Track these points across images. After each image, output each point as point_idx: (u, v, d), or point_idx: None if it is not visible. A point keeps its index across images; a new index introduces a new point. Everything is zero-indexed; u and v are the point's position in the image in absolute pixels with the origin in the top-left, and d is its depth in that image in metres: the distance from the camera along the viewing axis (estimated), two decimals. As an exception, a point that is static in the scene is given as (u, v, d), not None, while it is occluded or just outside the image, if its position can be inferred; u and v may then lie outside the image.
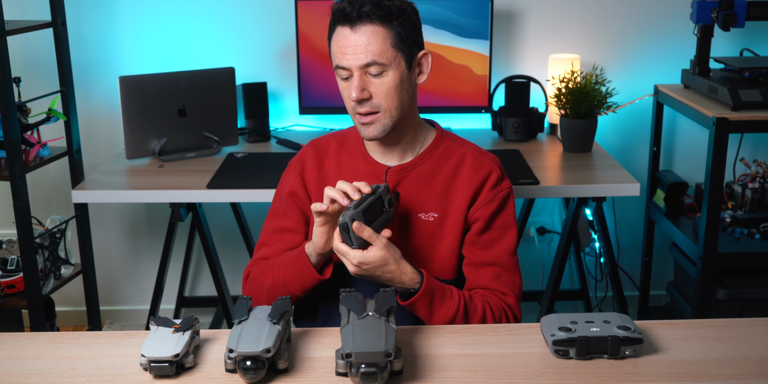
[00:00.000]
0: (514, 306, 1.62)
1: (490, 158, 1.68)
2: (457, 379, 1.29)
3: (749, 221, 2.63)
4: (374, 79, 1.55)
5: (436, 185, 1.65)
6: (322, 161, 1.70)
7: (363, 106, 1.56)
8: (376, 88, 1.55)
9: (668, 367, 1.32)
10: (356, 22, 1.52)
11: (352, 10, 1.51)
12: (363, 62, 1.52)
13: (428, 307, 1.54)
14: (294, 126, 2.94)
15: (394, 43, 1.53)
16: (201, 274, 3.16)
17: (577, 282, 3.14)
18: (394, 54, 1.54)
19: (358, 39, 1.52)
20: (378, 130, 1.58)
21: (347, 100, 1.58)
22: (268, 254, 1.70)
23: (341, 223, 1.46)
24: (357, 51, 1.52)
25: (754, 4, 2.52)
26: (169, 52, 2.88)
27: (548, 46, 2.90)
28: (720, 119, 2.34)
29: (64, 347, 1.40)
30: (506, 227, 1.65)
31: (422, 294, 1.52)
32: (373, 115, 1.57)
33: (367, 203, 1.48)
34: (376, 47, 1.52)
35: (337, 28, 1.55)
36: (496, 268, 1.63)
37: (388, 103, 1.56)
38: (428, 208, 1.64)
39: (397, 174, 1.65)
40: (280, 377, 1.29)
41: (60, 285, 2.50)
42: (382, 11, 1.52)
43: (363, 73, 1.54)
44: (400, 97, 1.57)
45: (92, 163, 2.87)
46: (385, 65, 1.53)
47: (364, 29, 1.52)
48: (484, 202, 1.64)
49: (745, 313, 2.56)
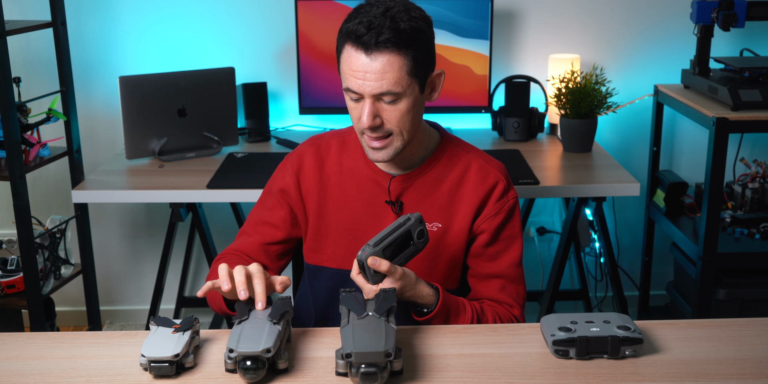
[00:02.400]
0: (519, 317, 1.62)
1: (496, 167, 1.64)
2: (457, 379, 1.29)
3: (749, 221, 2.63)
4: (387, 106, 1.49)
5: (441, 195, 1.62)
6: (323, 163, 1.66)
7: (375, 132, 1.51)
8: (389, 114, 1.49)
9: (668, 367, 1.32)
10: (372, 50, 1.44)
11: (370, 38, 1.43)
12: (377, 91, 1.46)
13: (443, 323, 1.53)
14: (294, 126, 2.94)
15: (409, 70, 1.46)
16: (201, 274, 3.16)
17: (577, 282, 3.14)
18: (409, 81, 1.47)
19: (374, 66, 1.44)
20: (389, 155, 1.54)
21: (355, 120, 1.53)
22: (243, 246, 1.66)
23: (358, 259, 1.42)
24: (371, 78, 1.45)
25: (754, 4, 2.52)
26: (169, 52, 2.88)
27: (548, 46, 2.90)
28: (720, 119, 2.34)
29: (64, 347, 1.40)
30: (512, 238, 1.63)
31: (438, 312, 1.50)
32: (384, 140, 1.52)
33: (389, 241, 1.42)
34: (392, 76, 1.45)
35: (349, 48, 1.46)
36: (502, 280, 1.62)
37: (400, 127, 1.51)
38: (432, 218, 1.61)
39: (401, 183, 1.61)
40: (280, 377, 1.29)
41: (60, 285, 2.51)
42: (399, 38, 1.43)
43: (375, 100, 1.48)
44: (412, 120, 1.52)
45: (92, 163, 2.87)
46: (399, 94, 1.47)
47: (381, 57, 1.44)
48: (491, 215, 1.61)
49: (745, 313, 2.56)
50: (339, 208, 1.64)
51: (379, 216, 1.62)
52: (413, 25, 1.45)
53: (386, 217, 1.62)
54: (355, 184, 1.63)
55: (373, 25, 1.43)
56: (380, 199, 1.62)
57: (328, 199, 1.64)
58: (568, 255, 2.76)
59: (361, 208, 1.63)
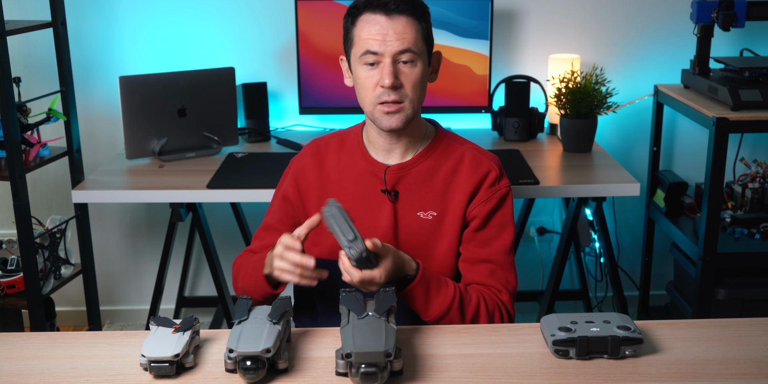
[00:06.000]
0: (507, 303, 1.62)
1: (490, 157, 1.69)
2: (457, 379, 1.29)
3: (749, 221, 2.63)
4: (405, 68, 1.57)
5: (435, 184, 1.66)
6: (322, 160, 1.71)
7: (392, 95, 1.57)
8: (406, 77, 1.57)
9: (668, 367, 1.32)
10: (393, 12, 1.55)
11: (389, 2, 1.54)
12: (398, 49, 1.55)
13: (425, 296, 1.53)
14: (294, 126, 2.94)
15: (423, 37, 1.58)
16: (201, 274, 3.16)
17: (577, 282, 3.14)
18: (422, 47, 1.58)
19: (395, 26, 1.55)
20: (401, 120, 1.59)
21: (370, 89, 1.58)
22: (257, 249, 1.73)
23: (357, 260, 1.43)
24: (392, 38, 1.54)
25: (754, 4, 2.52)
26: (169, 52, 2.88)
27: (548, 46, 2.90)
28: (720, 119, 2.34)
29: (64, 347, 1.40)
30: (503, 226, 1.66)
31: (420, 280, 1.52)
32: (398, 104, 1.58)
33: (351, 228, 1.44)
34: (412, 36, 1.55)
35: (368, 14, 1.56)
36: (491, 265, 1.63)
37: (414, 94, 1.59)
38: (427, 207, 1.65)
39: (396, 173, 1.66)
40: (280, 377, 1.29)
41: (60, 285, 2.51)
42: (416, 8, 1.57)
43: (394, 61, 1.56)
44: (422, 90, 1.61)
45: (92, 163, 2.87)
46: (417, 55, 1.57)
47: (401, 19, 1.55)
48: (482, 200, 1.64)
49: (745, 313, 2.56)
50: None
51: (376, 206, 1.66)
52: (421, 3, 1.60)
53: (382, 207, 1.66)
54: (352, 177, 1.68)
55: None
56: (376, 189, 1.66)
57: (327, 194, 1.68)
58: (568, 255, 2.76)
59: (358, 199, 1.67)
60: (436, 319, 1.56)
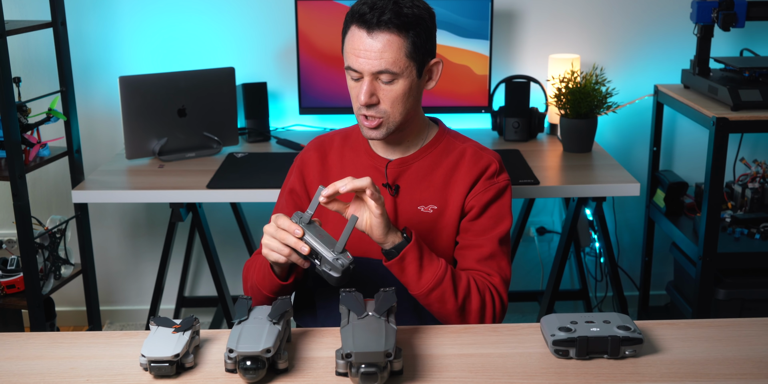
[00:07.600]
0: (499, 286, 1.60)
1: (490, 153, 1.70)
2: (457, 379, 1.29)
3: (749, 221, 2.63)
4: (384, 86, 1.55)
5: (436, 178, 1.66)
6: (326, 156, 1.73)
7: (369, 111, 1.57)
8: (385, 94, 1.56)
9: (668, 367, 1.32)
10: (374, 29, 1.51)
11: (372, 17, 1.50)
12: (375, 69, 1.52)
13: (418, 262, 1.52)
14: (294, 126, 2.94)
15: (408, 52, 1.53)
16: (201, 274, 3.16)
17: (577, 282, 3.14)
18: (407, 63, 1.54)
19: (374, 45, 1.51)
20: (380, 134, 1.60)
21: (354, 98, 1.59)
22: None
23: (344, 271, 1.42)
24: (371, 56, 1.52)
25: (754, 4, 2.52)
26: (169, 52, 2.88)
27: (548, 46, 2.90)
28: (720, 119, 2.34)
29: (64, 347, 1.40)
30: (500, 217, 1.65)
31: (414, 244, 1.51)
32: (377, 119, 1.58)
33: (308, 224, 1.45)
34: (390, 56, 1.51)
35: (353, 28, 1.54)
36: (484, 250, 1.63)
37: (394, 109, 1.57)
38: (428, 201, 1.66)
39: (397, 167, 1.67)
40: (280, 377, 1.29)
41: (60, 285, 2.51)
42: (401, 20, 1.51)
43: (374, 79, 1.55)
44: (405, 104, 1.58)
45: (92, 163, 2.87)
46: (397, 74, 1.54)
47: (381, 37, 1.51)
48: (480, 191, 1.64)
49: (745, 313, 2.56)
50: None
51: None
52: (415, 11, 1.53)
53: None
54: (354, 171, 1.69)
55: (376, 5, 1.52)
56: (378, 183, 1.67)
57: None
58: (568, 255, 2.76)
59: None
60: (427, 292, 1.53)
